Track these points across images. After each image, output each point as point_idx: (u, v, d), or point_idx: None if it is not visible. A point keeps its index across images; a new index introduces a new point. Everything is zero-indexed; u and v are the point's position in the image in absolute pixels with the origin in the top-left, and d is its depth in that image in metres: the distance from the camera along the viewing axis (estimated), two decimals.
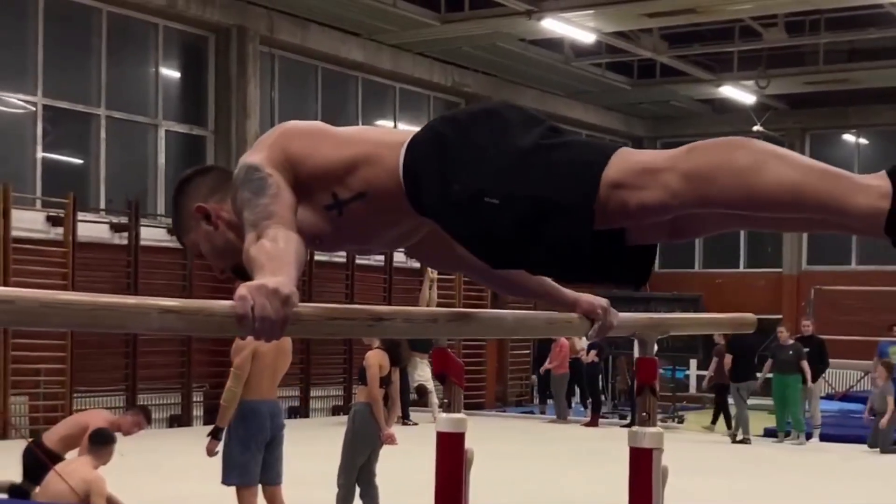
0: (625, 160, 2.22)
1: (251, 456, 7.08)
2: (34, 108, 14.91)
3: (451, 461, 3.10)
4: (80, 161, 15.91)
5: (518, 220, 2.25)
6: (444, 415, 3.15)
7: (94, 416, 8.32)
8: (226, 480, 7.10)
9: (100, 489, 7.23)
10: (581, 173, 2.23)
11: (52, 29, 14.94)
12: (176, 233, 2.64)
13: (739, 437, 15.26)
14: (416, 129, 2.55)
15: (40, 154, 15.00)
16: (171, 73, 16.87)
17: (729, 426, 15.84)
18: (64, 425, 8.45)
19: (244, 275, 2.20)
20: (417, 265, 19.38)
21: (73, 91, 15.42)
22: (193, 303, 1.98)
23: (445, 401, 3.19)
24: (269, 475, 7.20)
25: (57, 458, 7.89)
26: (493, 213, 2.26)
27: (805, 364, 15.08)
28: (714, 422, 16.69)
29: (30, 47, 14.81)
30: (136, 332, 2.02)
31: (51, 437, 8.22)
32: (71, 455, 7.94)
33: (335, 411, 17.76)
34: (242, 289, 1.96)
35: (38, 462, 7.81)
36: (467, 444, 3.04)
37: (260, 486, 7.21)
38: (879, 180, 2.11)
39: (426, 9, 17.70)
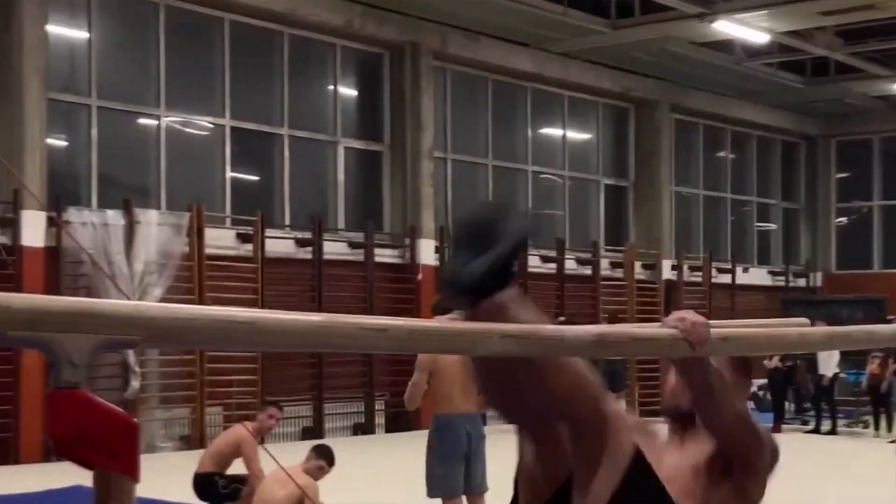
0: None
1: (451, 469, 7.21)
2: (222, 130, 15.51)
3: None
4: (265, 179, 16.48)
5: None
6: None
7: (238, 428, 8.60)
8: (430, 493, 7.27)
9: (314, 495, 7.53)
10: None
11: (237, 54, 15.53)
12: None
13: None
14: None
15: (229, 174, 15.60)
16: (348, 91, 17.33)
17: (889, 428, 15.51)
18: (216, 444, 8.83)
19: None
20: (589, 272, 19.43)
21: (258, 112, 15.99)
22: (525, 328, 2.15)
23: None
24: (472, 486, 7.32)
25: (216, 476, 8.34)
26: None
27: None
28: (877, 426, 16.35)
29: (217, 72, 15.42)
30: (480, 355, 2.21)
31: (204, 460, 8.59)
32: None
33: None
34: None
35: (208, 482, 8.32)
36: None
37: (465, 498, 7.34)
38: None
39: (596, 15, 17.73)
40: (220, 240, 14.77)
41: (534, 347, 2.16)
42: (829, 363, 16.71)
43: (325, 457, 7.97)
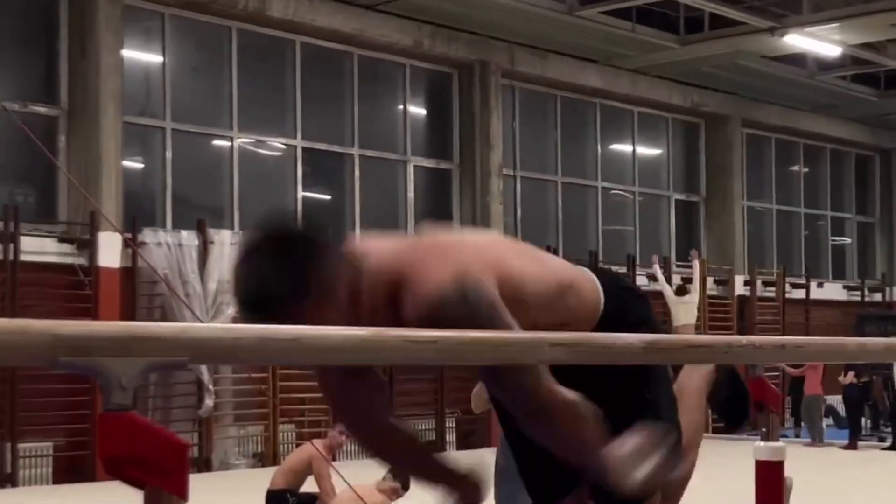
0: None
1: (516, 486, 7.22)
2: (294, 151, 15.72)
3: (771, 489, 3.21)
4: (337, 198, 16.65)
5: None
6: (762, 443, 3.26)
7: (309, 446, 8.71)
8: None
9: None
10: None
11: (307, 75, 15.75)
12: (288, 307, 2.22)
13: None
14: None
15: (301, 193, 15.80)
16: (417, 111, 17.47)
17: None
18: (288, 462, 8.94)
19: None
20: (659, 288, 19.32)
21: (329, 132, 16.18)
22: (574, 335, 2.21)
23: (763, 430, 3.29)
24: None
25: (288, 493, 8.45)
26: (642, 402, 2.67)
27: None
28: None
29: (289, 93, 15.65)
30: (530, 363, 2.26)
31: (276, 477, 8.70)
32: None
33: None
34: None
35: (279, 499, 8.43)
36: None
37: None
38: None
39: (665, 31, 17.69)
40: None
41: (584, 355, 2.21)
42: None
43: (401, 479, 8.05)
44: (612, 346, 2.24)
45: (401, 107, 17.07)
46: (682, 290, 17.78)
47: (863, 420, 18.05)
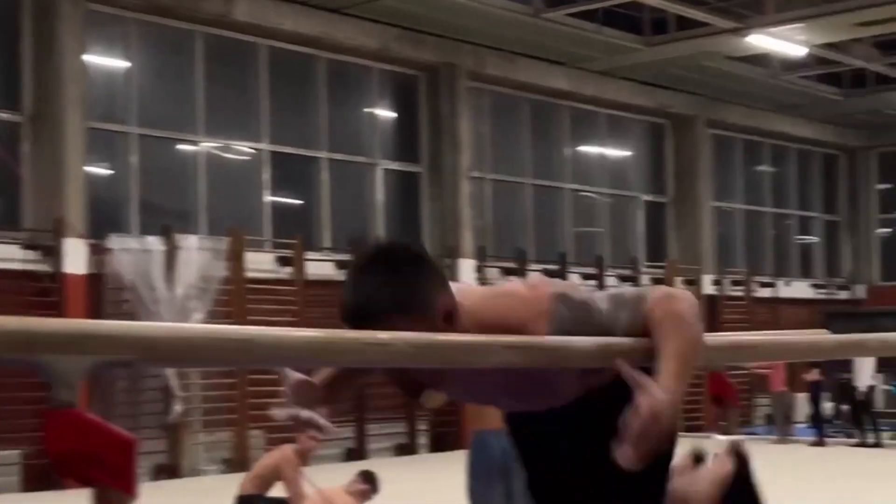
0: None
1: (487, 486, 7.23)
2: (261, 155, 15.67)
3: None
4: (305, 202, 16.61)
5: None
6: (721, 437, 3.28)
7: (279, 451, 8.69)
8: None
9: None
10: None
11: (275, 79, 15.71)
12: (390, 315, 2.23)
13: None
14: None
15: (268, 198, 15.74)
16: (385, 114, 17.45)
17: None
18: (258, 467, 8.91)
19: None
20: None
21: (296, 136, 16.14)
22: (527, 339, 2.19)
23: (723, 423, 3.31)
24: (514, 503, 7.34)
25: (258, 498, 8.42)
26: None
27: None
28: None
29: (256, 97, 15.60)
30: (481, 367, 2.24)
31: (245, 483, 8.67)
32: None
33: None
34: (657, 399, 2.18)
35: None
36: None
37: None
38: None
39: (630, 33, 17.76)
40: (261, 263, 14.89)
41: (538, 357, 2.20)
42: (862, 374, 16.61)
43: (370, 482, 8.02)
44: (566, 349, 2.23)
45: (369, 110, 17.05)
46: None
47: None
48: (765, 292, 22.00)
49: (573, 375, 2.43)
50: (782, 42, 17.32)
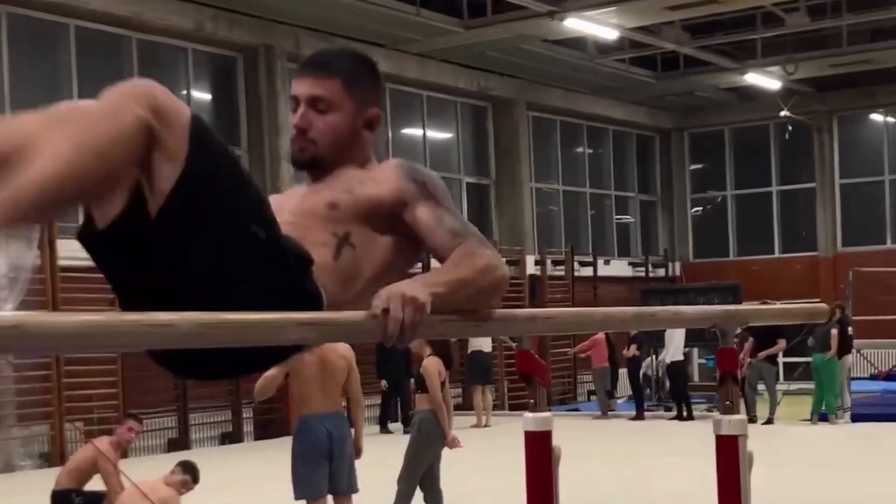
0: None
1: (312, 470, 7.21)
2: None
3: (540, 459, 3.24)
4: None
5: None
6: (531, 414, 3.28)
7: (98, 443, 8.50)
8: (296, 496, 7.27)
9: None
10: None
11: (84, 60, 15.17)
12: (341, 78, 2.54)
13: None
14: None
15: None
16: (202, 96, 17.09)
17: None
18: (73, 461, 8.71)
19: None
20: None
21: None
22: (323, 315, 2.13)
23: (531, 401, 3.32)
24: (337, 486, 7.31)
25: (73, 493, 8.22)
26: None
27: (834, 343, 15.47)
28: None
29: (64, 79, 15.05)
30: (275, 344, 2.16)
31: (61, 477, 8.46)
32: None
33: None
34: (382, 292, 2.13)
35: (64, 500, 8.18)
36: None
37: (331, 497, 7.33)
38: None
39: (449, 16, 17.84)
40: (74, 251, 14.37)
41: (334, 333, 2.15)
42: (670, 349, 17.15)
43: (190, 472, 7.90)
44: (359, 324, 2.17)
45: (184, 92, 16.64)
46: None
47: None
48: (586, 271, 22.49)
49: None
50: (596, 25, 17.68)
